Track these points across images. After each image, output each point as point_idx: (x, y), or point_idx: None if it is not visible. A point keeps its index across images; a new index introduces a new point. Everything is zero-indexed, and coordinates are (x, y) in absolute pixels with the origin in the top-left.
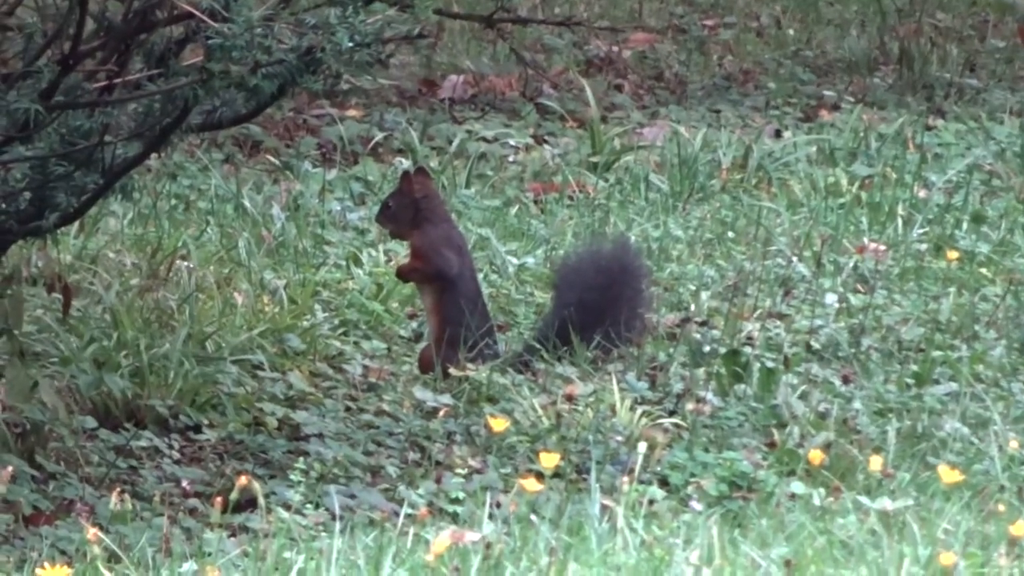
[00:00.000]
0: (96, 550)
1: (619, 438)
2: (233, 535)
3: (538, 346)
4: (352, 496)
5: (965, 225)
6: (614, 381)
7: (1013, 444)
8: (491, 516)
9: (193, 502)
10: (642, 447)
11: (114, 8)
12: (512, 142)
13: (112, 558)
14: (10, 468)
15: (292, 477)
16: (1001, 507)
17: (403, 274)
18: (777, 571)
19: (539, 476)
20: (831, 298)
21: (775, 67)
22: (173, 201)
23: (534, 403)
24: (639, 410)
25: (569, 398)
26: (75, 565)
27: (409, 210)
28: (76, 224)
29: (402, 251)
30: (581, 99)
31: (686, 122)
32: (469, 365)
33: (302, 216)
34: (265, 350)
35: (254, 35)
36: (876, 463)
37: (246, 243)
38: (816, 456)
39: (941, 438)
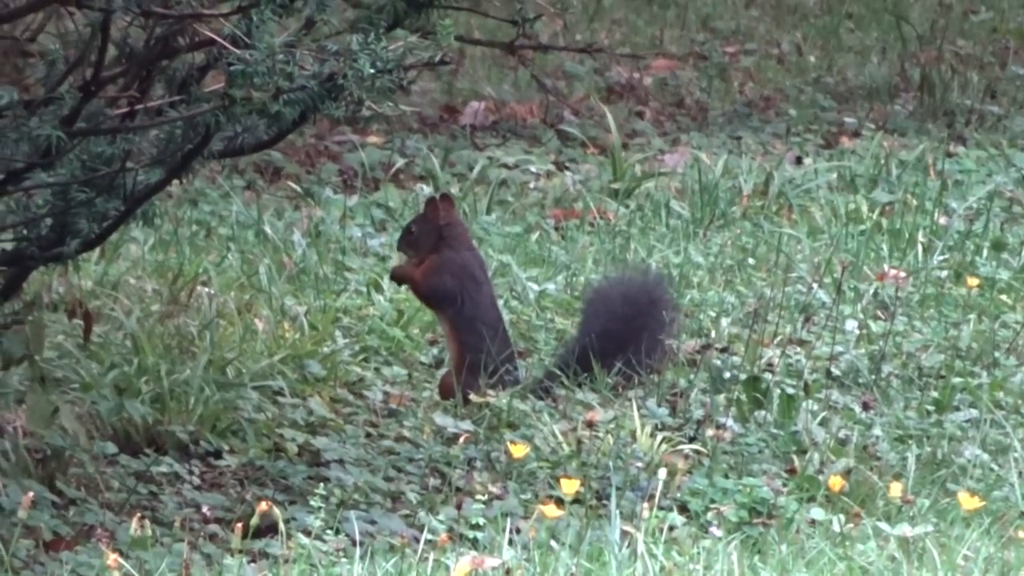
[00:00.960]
0: None
1: (639, 464)
2: (253, 561)
3: (559, 373)
4: (372, 522)
5: (985, 252)
6: (634, 407)
7: None
8: (511, 542)
9: (213, 528)
10: (662, 473)
11: (136, 34)
12: (533, 168)
13: None
14: (31, 494)
15: (312, 503)
16: (1021, 534)
17: (396, 276)
18: None
19: (559, 502)
20: (851, 325)
21: (796, 94)
22: (194, 227)
23: (554, 429)
24: (659, 436)
25: (589, 424)
26: None
27: (432, 236)
28: (97, 250)
29: None
30: (602, 125)
31: (707, 148)
32: (489, 392)
33: (323, 242)
34: (286, 376)
35: (276, 61)
36: (896, 489)
37: (267, 269)
38: (836, 482)
39: (961, 465)
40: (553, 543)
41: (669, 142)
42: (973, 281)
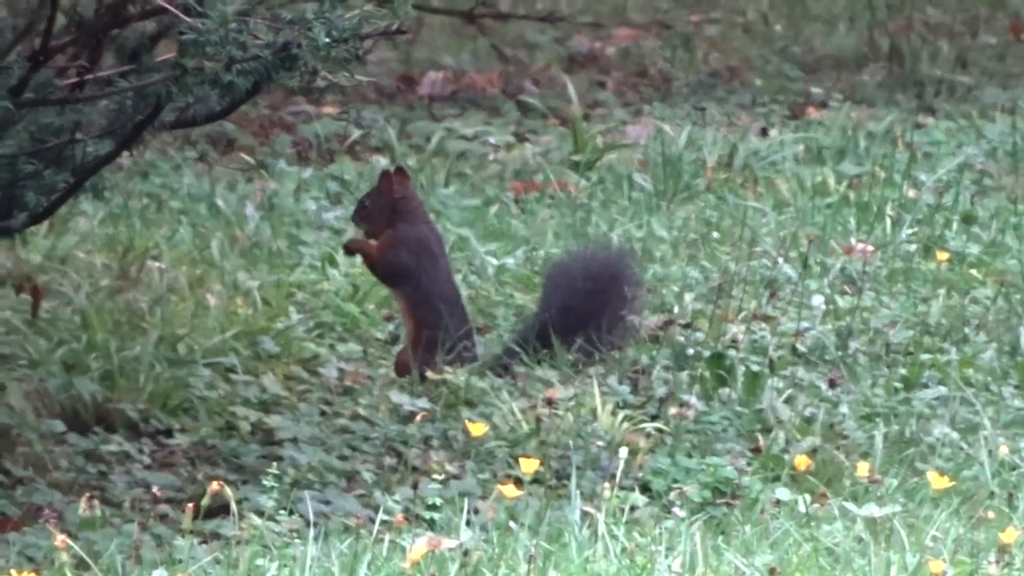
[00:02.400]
0: (64, 557)
1: (600, 443)
2: (205, 542)
3: (518, 349)
4: (327, 502)
5: (955, 225)
6: (595, 385)
7: (1003, 449)
8: (469, 523)
9: (164, 508)
10: (623, 452)
11: (86, 3)
12: (492, 140)
13: (80, 565)
14: None
15: (265, 483)
16: (991, 514)
17: (350, 249)
18: None
19: (518, 482)
20: (818, 300)
21: (762, 64)
22: (145, 200)
23: (513, 407)
24: (621, 414)
25: (549, 402)
26: (43, 572)
27: (386, 210)
28: (46, 224)
29: None
30: (563, 96)
31: (671, 120)
32: (447, 368)
33: (277, 216)
34: (238, 353)
35: (229, 31)
36: (863, 469)
37: (219, 243)
38: (802, 462)
39: (930, 443)
40: (512, 524)
41: (632, 113)
42: (942, 255)
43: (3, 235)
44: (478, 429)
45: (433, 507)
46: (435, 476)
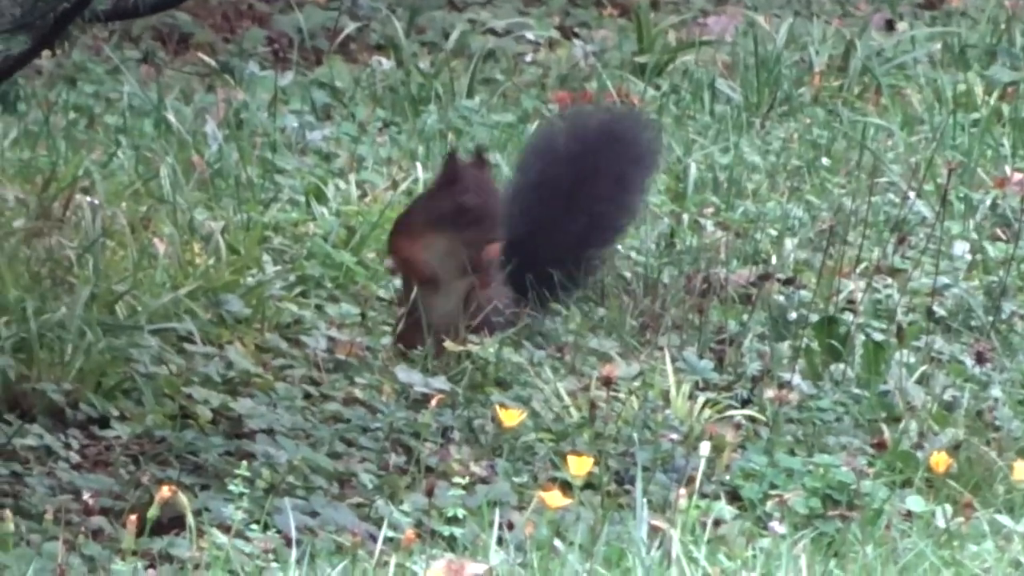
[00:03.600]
0: None
1: (674, 436)
2: (152, 566)
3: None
4: (313, 513)
5: None
6: (667, 359)
7: None
8: (501, 541)
9: (98, 521)
10: (705, 449)
11: None
12: (530, 36)
13: None
14: None
15: (232, 488)
16: None
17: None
18: None
19: (566, 487)
20: (961, 248)
21: None
22: (72, 115)
23: (559, 388)
24: (701, 399)
25: (607, 382)
26: None
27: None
28: None
29: (381, 182)
30: None
31: (765, 10)
32: (471, 337)
33: (246, 135)
34: (196, 316)
35: None
36: (1022, 470)
37: (170, 172)
38: (940, 461)
39: None
40: (557, 542)
41: (714, 0)
42: None
43: None
44: (512, 417)
45: (454, 520)
46: (456, 479)
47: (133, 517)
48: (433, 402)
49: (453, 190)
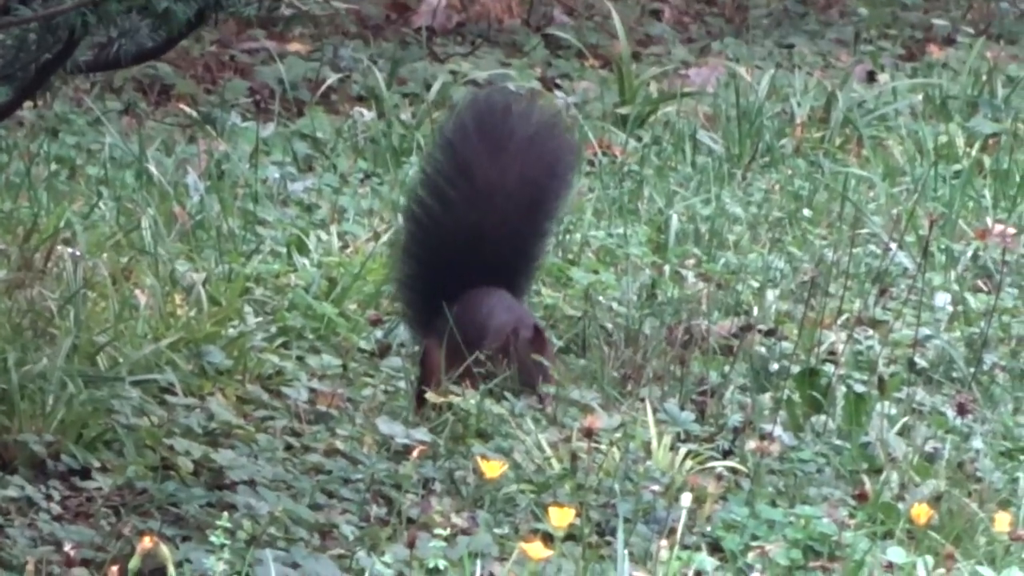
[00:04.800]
0: None
1: (655, 488)
2: None
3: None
4: (294, 565)
5: None
6: (649, 410)
7: None
8: None
9: (79, 573)
10: (686, 500)
11: None
12: (512, 87)
13: None
14: None
15: (213, 539)
16: None
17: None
18: None
19: (547, 538)
20: (942, 299)
21: None
22: (53, 166)
23: (541, 440)
24: (683, 450)
25: (588, 433)
26: None
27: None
28: None
29: (362, 233)
30: (606, 29)
31: (747, 61)
32: (452, 388)
33: (227, 187)
34: (177, 368)
35: None
36: (1003, 522)
37: (151, 223)
38: (922, 512)
39: None
40: None
41: (696, 52)
42: None
43: None
44: (494, 469)
45: (435, 571)
46: (437, 530)
47: (114, 569)
48: (414, 453)
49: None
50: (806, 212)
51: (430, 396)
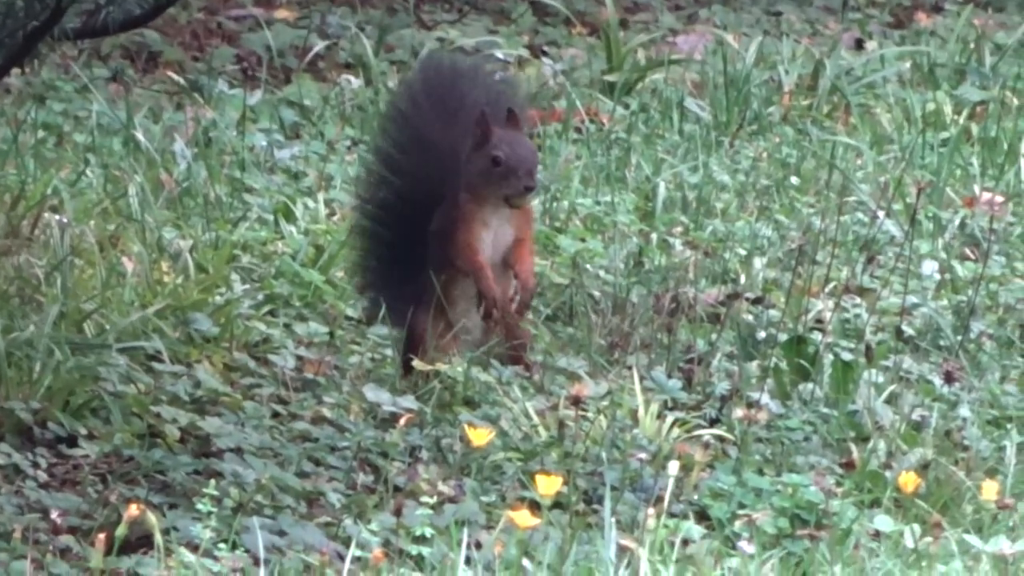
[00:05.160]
0: None
1: (643, 456)
2: None
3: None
4: (281, 533)
5: None
6: (636, 378)
7: None
8: (469, 560)
9: (66, 540)
10: (673, 468)
11: None
12: (500, 55)
13: None
14: None
15: (200, 507)
16: None
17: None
18: None
19: (534, 506)
20: (930, 267)
21: None
22: (41, 133)
23: (528, 408)
24: (670, 418)
25: (575, 401)
26: None
27: None
28: None
29: (349, 201)
30: None
31: (735, 28)
32: (439, 356)
33: (215, 154)
34: (164, 335)
35: None
36: (990, 490)
37: (139, 190)
38: (909, 481)
39: None
40: (526, 562)
41: (683, 19)
42: None
43: None
44: (481, 436)
45: (422, 539)
46: (424, 498)
47: (101, 536)
48: (401, 421)
49: (486, 148)
50: (794, 180)
51: (417, 364)
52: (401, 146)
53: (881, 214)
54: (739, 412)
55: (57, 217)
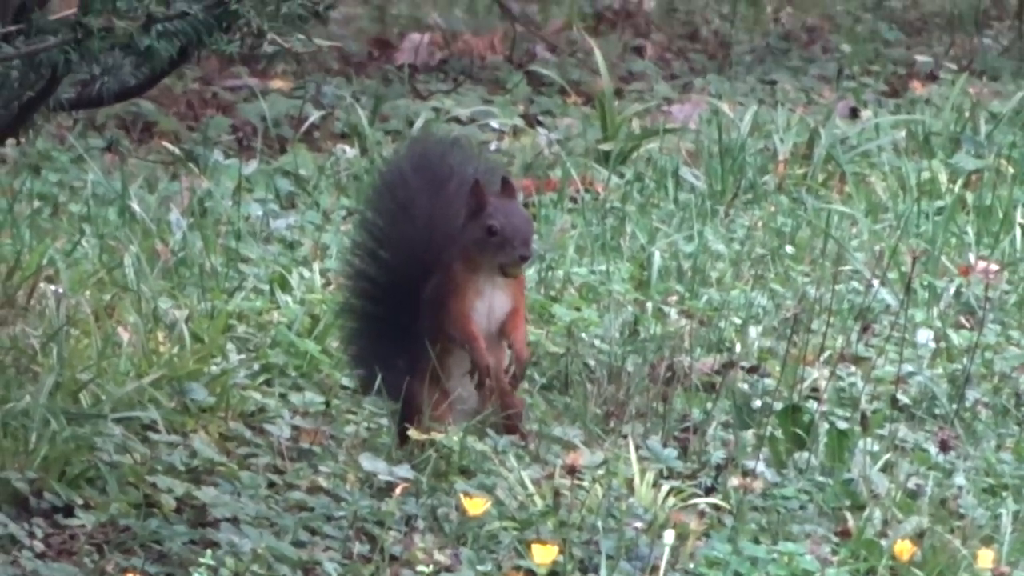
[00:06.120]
0: None
1: (638, 525)
2: None
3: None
4: None
5: None
6: (632, 447)
7: None
8: None
9: None
10: (669, 537)
11: None
12: (495, 124)
13: None
14: None
15: None
16: None
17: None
18: None
19: (530, 575)
20: (925, 336)
21: (850, 23)
22: (36, 203)
23: (523, 476)
24: (665, 487)
25: (571, 470)
26: None
27: None
28: None
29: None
30: (588, 65)
31: (730, 97)
32: (434, 425)
33: (210, 224)
34: (160, 405)
35: None
36: (986, 558)
37: (134, 260)
38: (905, 549)
39: None
40: None
41: (678, 88)
42: None
43: None
44: (477, 506)
45: None
46: (420, 568)
47: None
48: (397, 490)
49: (481, 217)
50: (789, 249)
51: (413, 433)
52: (390, 218)
53: (876, 283)
54: (735, 481)
55: (53, 287)
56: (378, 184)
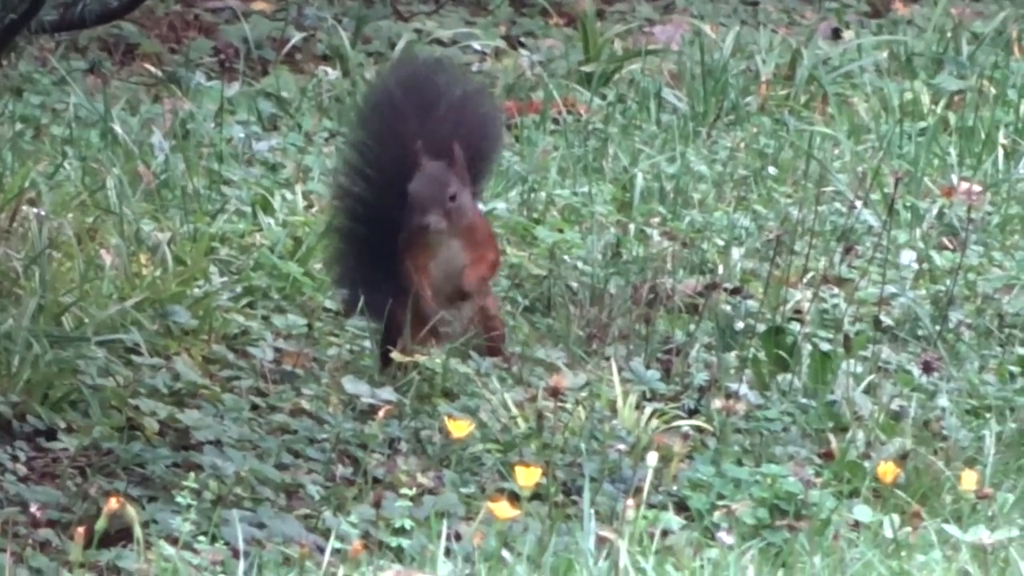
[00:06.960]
0: None
1: (621, 447)
2: None
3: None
4: (260, 525)
5: None
6: (615, 369)
7: None
8: (449, 552)
9: (45, 533)
10: (652, 459)
11: None
12: (477, 46)
13: None
14: None
15: (179, 499)
16: None
17: (482, 280)
18: None
19: (513, 498)
20: (908, 257)
21: None
22: (18, 125)
23: (507, 399)
24: (648, 409)
25: (554, 392)
26: None
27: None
28: None
29: (327, 192)
30: None
31: (712, 18)
32: (418, 348)
33: (192, 146)
34: (143, 328)
35: None
36: (969, 480)
37: (116, 183)
38: (888, 471)
39: None
40: (505, 553)
41: (660, 9)
42: None
43: None
44: (460, 428)
45: (401, 531)
46: (403, 490)
47: (81, 529)
48: (380, 413)
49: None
50: (771, 170)
51: (395, 355)
52: (378, 139)
53: (859, 204)
54: (718, 403)
55: (35, 210)
56: (366, 105)
